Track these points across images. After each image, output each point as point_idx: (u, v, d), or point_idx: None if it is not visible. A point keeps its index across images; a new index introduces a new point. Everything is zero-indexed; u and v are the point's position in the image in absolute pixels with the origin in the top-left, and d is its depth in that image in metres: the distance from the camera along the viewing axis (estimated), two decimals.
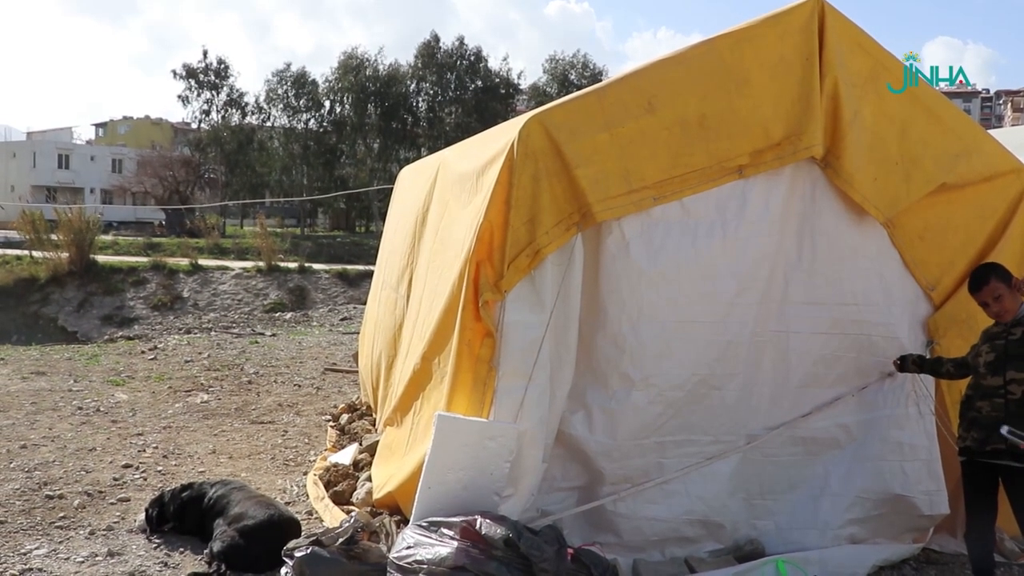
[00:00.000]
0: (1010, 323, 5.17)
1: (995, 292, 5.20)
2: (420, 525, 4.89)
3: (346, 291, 29.03)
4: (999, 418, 5.06)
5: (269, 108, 64.15)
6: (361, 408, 9.61)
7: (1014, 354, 5.08)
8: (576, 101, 5.37)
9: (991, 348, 5.20)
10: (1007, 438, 4.79)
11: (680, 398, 5.52)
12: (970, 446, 5.25)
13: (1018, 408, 5.00)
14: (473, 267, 5.13)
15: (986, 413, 5.14)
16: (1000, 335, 5.21)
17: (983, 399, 5.16)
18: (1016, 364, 5.03)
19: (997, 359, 5.13)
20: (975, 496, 5.36)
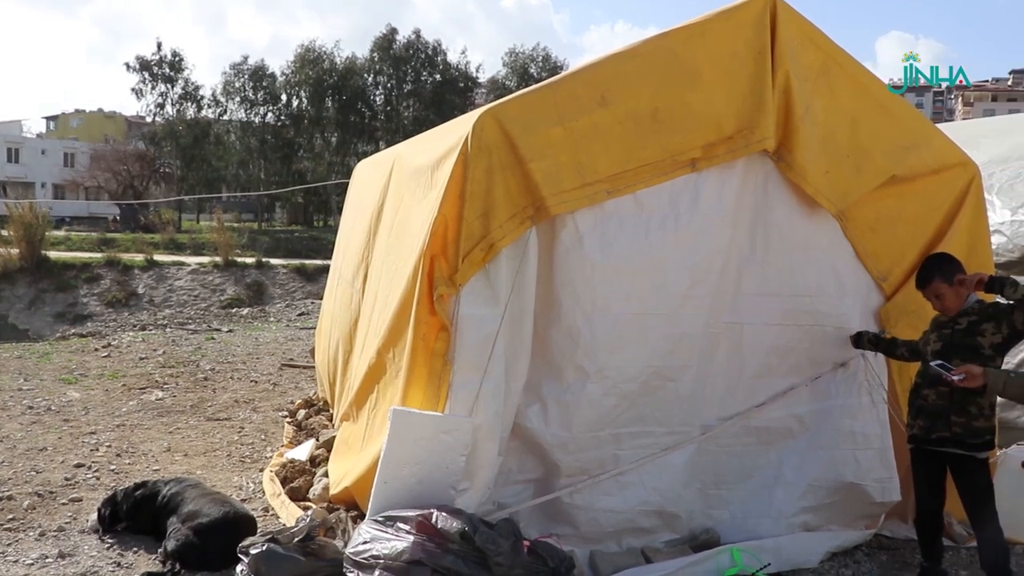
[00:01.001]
0: (957, 313, 5.27)
1: (936, 291, 5.33)
2: (376, 520, 4.89)
3: (304, 286, 28.88)
4: (945, 407, 5.17)
5: (226, 102, 63.54)
6: (318, 404, 9.58)
7: (959, 344, 5.18)
8: (530, 95, 5.38)
9: (938, 337, 5.33)
10: (934, 368, 4.90)
11: (634, 390, 5.56)
12: (917, 434, 5.36)
13: (963, 396, 5.09)
14: (427, 261, 5.12)
15: (932, 401, 5.25)
16: (947, 324, 5.33)
17: (930, 387, 5.27)
18: (962, 354, 5.11)
19: (943, 348, 5.22)
20: (923, 483, 5.48)
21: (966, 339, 5.18)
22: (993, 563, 5.22)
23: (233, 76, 62.75)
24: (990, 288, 5.09)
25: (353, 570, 4.74)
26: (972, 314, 5.25)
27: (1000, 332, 5.11)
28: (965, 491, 5.29)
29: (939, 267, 5.38)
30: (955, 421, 5.17)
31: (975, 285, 5.17)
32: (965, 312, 5.28)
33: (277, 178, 61.12)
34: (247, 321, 20.80)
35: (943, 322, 5.39)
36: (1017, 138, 10.27)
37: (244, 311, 23.70)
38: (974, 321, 5.20)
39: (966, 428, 5.16)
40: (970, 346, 5.17)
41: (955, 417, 5.15)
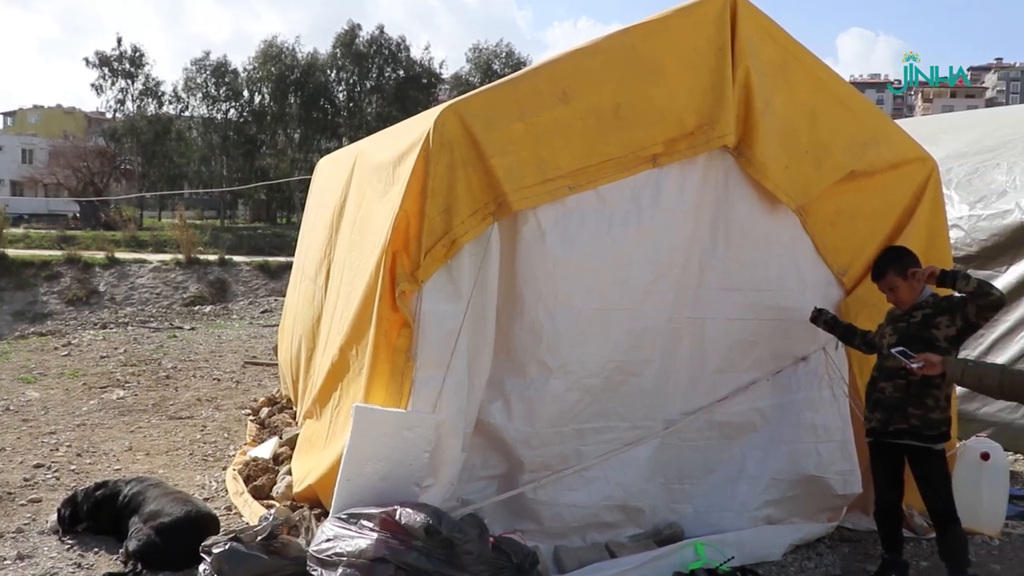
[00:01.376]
0: (911, 306, 5.35)
1: (891, 284, 5.42)
2: (339, 517, 4.86)
3: (267, 283, 28.75)
4: (902, 399, 5.23)
5: (187, 98, 63.05)
6: (281, 401, 9.52)
7: (914, 336, 5.24)
8: (491, 91, 5.37)
9: (894, 330, 5.39)
10: (896, 356, 4.94)
11: (597, 385, 5.57)
12: (875, 427, 5.42)
13: (919, 389, 5.16)
14: (389, 257, 5.09)
15: (889, 394, 5.31)
16: (902, 318, 5.40)
17: (886, 380, 5.33)
18: (916, 347, 5.14)
19: (899, 341, 5.27)
20: (882, 475, 5.54)
21: (921, 332, 5.26)
22: (952, 553, 5.29)
23: (195, 72, 62.34)
24: (942, 281, 5.16)
25: (317, 568, 4.71)
26: (926, 307, 5.32)
27: (954, 325, 5.18)
28: (923, 483, 5.36)
29: (893, 261, 5.46)
30: (912, 413, 5.22)
31: (927, 278, 5.23)
32: (919, 305, 5.36)
33: (240, 175, 60.78)
34: (210, 319, 20.63)
35: (898, 315, 5.45)
36: (975, 134, 10.42)
37: (207, 309, 23.52)
38: (928, 314, 5.28)
39: (923, 420, 5.21)
40: (925, 339, 5.22)
41: (912, 409, 5.20)
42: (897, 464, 5.47)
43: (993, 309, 5.15)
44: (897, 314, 5.47)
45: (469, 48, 79.71)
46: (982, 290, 5.04)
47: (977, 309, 5.10)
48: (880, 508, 5.60)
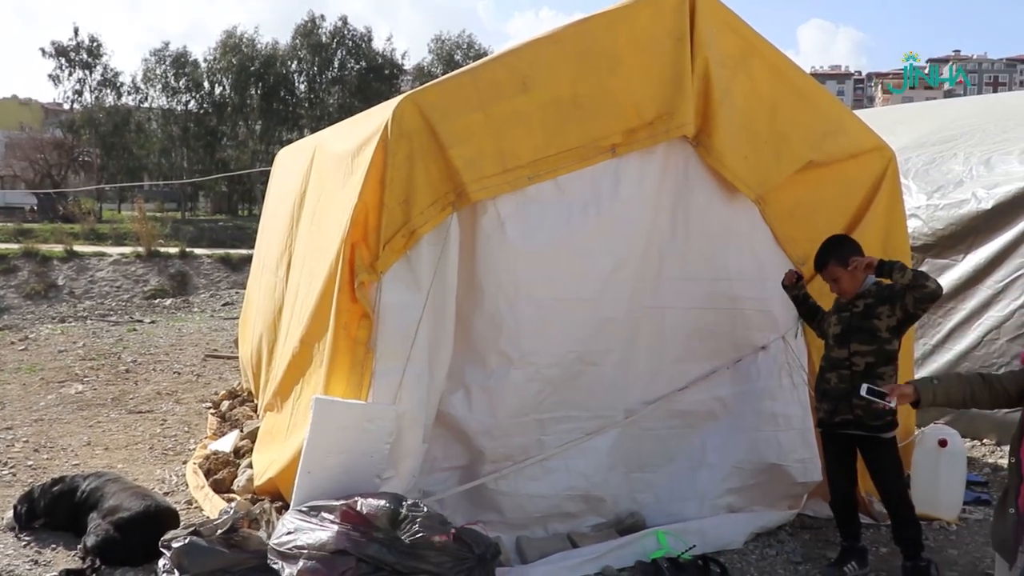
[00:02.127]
0: (854, 296, 5.44)
1: (832, 275, 5.45)
2: (300, 510, 4.83)
3: (229, 276, 28.54)
4: (846, 389, 5.28)
5: (146, 89, 62.40)
6: (242, 394, 9.46)
7: (857, 327, 5.35)
8: (450, 81, 5.35)
9: (838, 320, 5.48)
10: (865, 398, 4.84)
11: (558, 375, 5.58)
12: (823, 418, 5.51)
13: (862, 379, 5.08)
14: (348, 249, 5.07)
15: (834, 384, 5.38)
16: (846, 307, 5.46)
17: (831, 370, 5.42)
18: (859, 336, 5.27)
19: (843, 331, 5.39)
20: (834, 465, 5.63)
21: (864, 322, 5.34)
22: (906, 539, 5.35)
23: (154, 63, 61.68)
24: (880, 272, 5.22)
25: (277, 561, 4.69)
26: (869, 297, 5.38)
27: (895, 315, 5.25)
28: (874, 471, 5.44)
29: (833, 251, 5.47)
30: (856, 404, 5.26)
31: (864, 268, 5.27)
32: (862, 295, 5.41)
33: (200, 166, 60.26)
34: (170, 312, 20.43)
35: (842, 305, 5.51)
36: (932, 124, 10.53)
37: (167, 302, 23.28)
38: (870, 304, 5.35)
39: (867, 411, 5.26)
40: (868, 329, 5.31)
41: (856, 400, 5.21)
42: (848, 453, 5.53)
43: (929, 300, 5.19)
44: (841, 304, 5.52)
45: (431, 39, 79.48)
46: (917, 282, 5.08)
47: (914, 300, 5.15)
48: (834, 497, 5.67)
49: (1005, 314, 8.26)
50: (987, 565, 5.55)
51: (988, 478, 7.60)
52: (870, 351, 5.32)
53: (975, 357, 8.47)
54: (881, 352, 5.33)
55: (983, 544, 5.81)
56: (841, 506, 5.64)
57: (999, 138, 9.17)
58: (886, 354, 5.35)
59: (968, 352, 8.52)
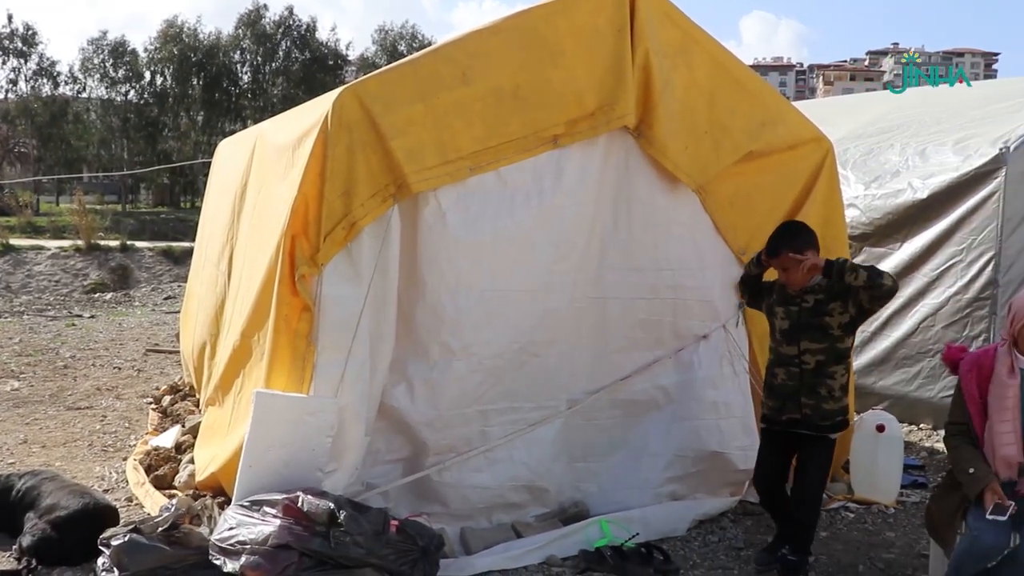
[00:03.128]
0: (803, 290, 5.25)
1: (784, 264, 5.23)
2: (242, 505, 4.80)
3: (171, 269, 28.19)
4: (795, 387, 5.21)
5: (84, 78, 61.35)
6: (184, 389, 9.35)
7: (807, 323, 5.18)
8: (391, 72, 5.33)
9: (786, 314, 5.30)
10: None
11: (501, 366, 5.59)
12: (768, 414, 5.44)
13: (812, 378, 5.15)
14: (288, 241, 5.04)
15: (781, 381, 5.29)
16: (794, 301, 5.28)
17: (780, 366, 5.33)
18: (810, 334, 5.15)
19: (791, 328, 5.25)
20: (769, 460, 5.51)
21: (814, 319, 5.18)
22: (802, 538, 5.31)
23: (92, 52, 60.65)
24: (828, 273, 5.07)
25: (219, 557, 4.64)
26: (819, 292, 5.18)
27: (847, 311, 5.13)
28: (806, 469, 5.32)
29: (788, 240, 5.28)
30: (805, 403, 5.19)
31: (809, 271, 5.12)
32: (812, 289, 5.21)
33: (141, 158, 59.40)
34: (111, 306, 20.11)
35: (789, 297, 5.32)
36: (870, 115, 10.70)
37: (108, 296, 22.91)
38: (821, 300, 5.17)
39: (816, 410, 5.19)
40: (819, 326, 5.16)
41: (805, 399, 5.18)
42: (787, 452, 5.42)
43: (886, 298, 5.10)
44: (789, 296, 5.33)
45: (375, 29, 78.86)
46: (873, 282, 4.94)
47: (870, 299, 5.04)
48: (763, 494, 5.61)
49: (940, 301, 8.42)
50: (923, 546, 5.65)
51: (925, 462, 7.75)
52: (821, 349, 5.16)
53: (912, 344, 8.63)
54: (832, 350, 5.18)
55: (919, 526, 5.92)
56: (769, 498, 5.56)
57: (934, 129, 9.32)
58: (837, 352, 5.20)
59: (905, 339, 8.68)
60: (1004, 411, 4.60)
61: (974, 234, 8.20)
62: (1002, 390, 4.62)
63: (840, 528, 6.19)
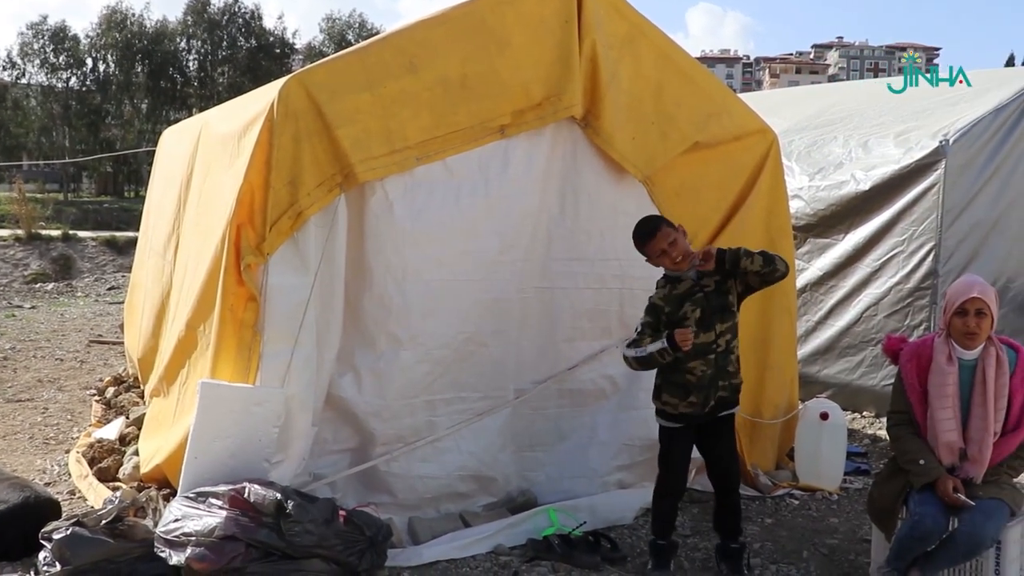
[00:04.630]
0: (695, 277, 5.01)
1: (668, 238, 4.97)
2: (187, 496, 4.76)
3: (115, 259, 27.76)
4: (712, 374, 5.00)
5: (24, 64, 60.10)
6: (128, 380, 9.24)
7: (717, 305, 4.99)
8: (338, 61, 5.31)
9: (694, 305, 4.99)
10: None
11: (448, 356, 5.60)
12: (689, 412, 5.08)
13: (723, 359, 5.01)
14: (234, 230, 5.00)
15: (700, 374, 5.00)
16: (694, 291, 5.01)
17: (696, 359, 4.98)
18: (720, 315, 4.99)
19: (703, 314, 4.98)
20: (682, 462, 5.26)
21: (720, 299, 5.02)
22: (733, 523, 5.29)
23: (31, 37, 59.40)
24: (720, 261, 4.92)
25: (165, 549, 4.60)
26: (714, 273, 5.00)
27: (737, 288, 5.07)
28: (726, 448, 5.25)
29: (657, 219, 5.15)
30: (722, 385, 5.03)
31: (703, 258, 4.95)
32: (707, 273, 5.01)
33: (83, 146, 58.39)
34: (52, 297, 19.79)
35: (688, 291, 5.01)
36: (815, 107, 10.82)
37: (49, 286, 22.50)
38: (719, 280, 5.01)
39: (730, 388, 5.09)
40: (725, 306, 5.03)
41: (721, 381, 5.02)
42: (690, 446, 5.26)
43: (776, 282, 5.09)
44: (683, 290, 5.03)
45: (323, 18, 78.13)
46: (767, 267, 4.91)
47: (761, 281, 5.01)
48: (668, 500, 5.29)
49: (883, 291, 8.55)
50: (865, 532, 5.75)
51: (867, 449, 7.88)
52: (728, 327, 5.03)
53: (855, 332, 8.76)
54: (734, 327, 5.08)
55: (862, 512, 6.01)
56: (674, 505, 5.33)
57: (876, 122, 9.46)
58: (736, 327, 5.10)
59: (848, 328, 8.80)
60: (944, 399, 4.72)
61: (915, 225, 8.34)
62: (942, 378, 4.74)
63: (785, 515, 6.26)
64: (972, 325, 4.66)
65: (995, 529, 4.54)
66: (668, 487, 5.26)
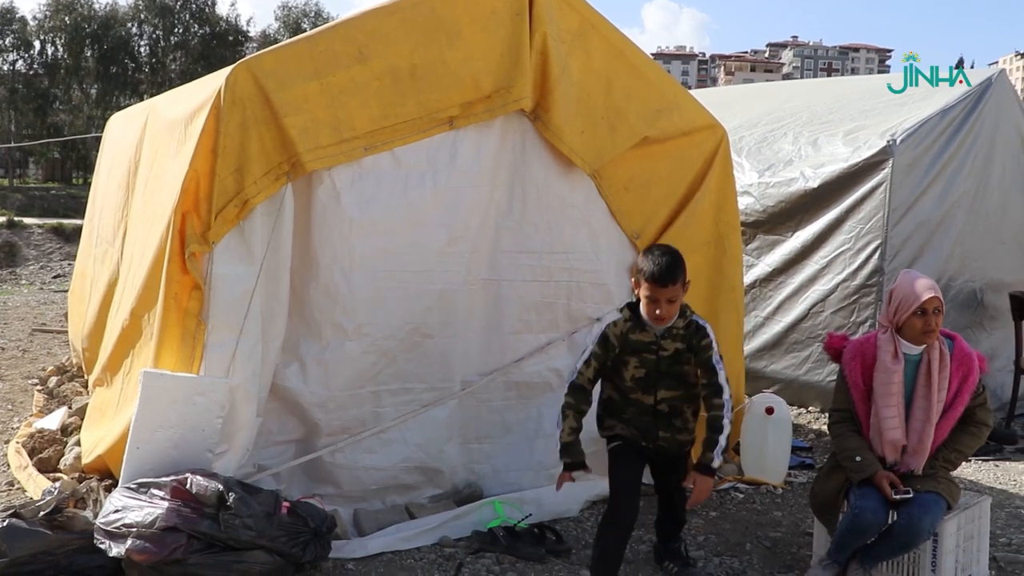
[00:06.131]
0: (659, 334, 4.70)
1: (672, 296, 4.57)
2: (129, 487, 4.71)
3: (62, 247, 27.25)
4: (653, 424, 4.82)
5: None
6: (71, 370, 9.13)
7: (665, 372, 4.72)
8: (286, 49, 5.26)
9: (640, 363, 4.71)
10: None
11: (394, 347, 5.58)
12: (623, 434, 4.89)
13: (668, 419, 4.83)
14: (179, 218, 4.95)
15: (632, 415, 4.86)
16: (650, 348, 4.70)
17: (631, 407, 4.83)
18: (667, 383, 4.73)
19: (648, 376, 4.72)
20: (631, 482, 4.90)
21: (673, 367, 4.73)
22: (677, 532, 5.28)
23: None
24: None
25: (104, 541, 4.55)
26: (679, 340, 4.71)
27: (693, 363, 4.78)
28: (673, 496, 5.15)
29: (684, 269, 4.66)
30: (662, 436, 4.84)
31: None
32: (672, 336, 4.71)
33: (30, 131, 57.22)
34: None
35: (644, 344, 4.70)
36: (766, 104, 10.90)
37: None
38: (681, 350, 4.72)
39: (671, 442, 4.87)
40: (677, 374, 4.75)
41: (662, 432, 4.84)
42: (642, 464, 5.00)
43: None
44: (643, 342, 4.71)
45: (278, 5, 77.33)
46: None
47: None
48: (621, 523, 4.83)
49: (830, 287, 8.64)
50: (808, 525, 5.81)
51: (813, 444, 7.98)
52: (677, 396, 4.78)
53: (802, 329, 8.85)
54: (688, 395, 4.82)
55: (805, 506, 6.07)
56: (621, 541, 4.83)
57: (825, 120, 9.55)
58: (693, 395, 4.84)
59: (796, 324, 8.89)
60: (890, 396, 4.79)
61: (862, 223, 8.44)
62: (887, 376, 4.80)
63: (729, 508, 6.32)
64: (933, 324, 4.73)
65: (932, 522, 4.63)
66: (614, 515, 4.81)
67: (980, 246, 9.12)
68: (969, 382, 4.82)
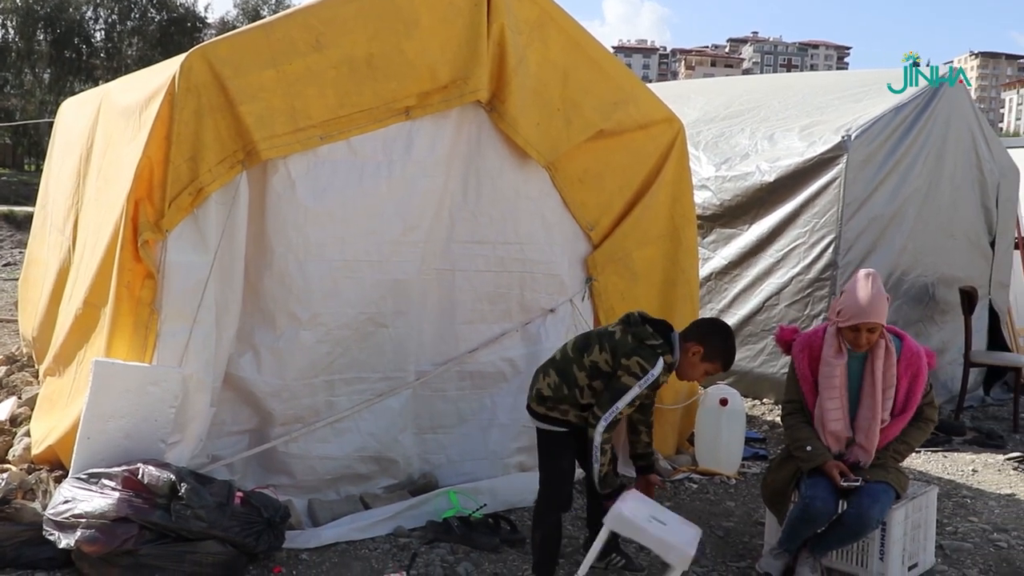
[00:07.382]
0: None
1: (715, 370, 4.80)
2: (79, 478, 4.67)
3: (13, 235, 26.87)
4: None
5: None
6: (22, 359, 8.99)
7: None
8: (242, 36, 5.23)
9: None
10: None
11: (348, 336, 5.57)
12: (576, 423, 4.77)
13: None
14: (132, 206, 4.91)
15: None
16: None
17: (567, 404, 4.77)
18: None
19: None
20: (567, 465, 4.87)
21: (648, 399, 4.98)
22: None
23: None
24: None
25: (54, 532, 4.52)
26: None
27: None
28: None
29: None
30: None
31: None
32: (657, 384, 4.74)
33: None
34: None
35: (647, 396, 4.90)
36: (724, 98, 10.97)
37: None
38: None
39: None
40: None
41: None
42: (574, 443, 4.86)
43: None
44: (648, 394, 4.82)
45: None
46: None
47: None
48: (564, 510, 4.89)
49: (784, 281, 8.74)
50: (760, 515, 5.90)
51: (766, 435, 8.08)
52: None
53: (757, 321, 8.94)
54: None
55: (758, 496, 6.14)
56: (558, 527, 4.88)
57: (782, 115, 9.64)
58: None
59: (751, 317, 8.98)
60: (832, 389, 4.89)
61: (817, 217, 8.54)
62: (830, 369, 4.90)
63: (683, 498, 6.39)
64: (862, 342, 4.81)
65: (880, 511, 4.72)
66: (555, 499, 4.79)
67: (932, 242, 9.26)
68: (919, 381, 4.92)
